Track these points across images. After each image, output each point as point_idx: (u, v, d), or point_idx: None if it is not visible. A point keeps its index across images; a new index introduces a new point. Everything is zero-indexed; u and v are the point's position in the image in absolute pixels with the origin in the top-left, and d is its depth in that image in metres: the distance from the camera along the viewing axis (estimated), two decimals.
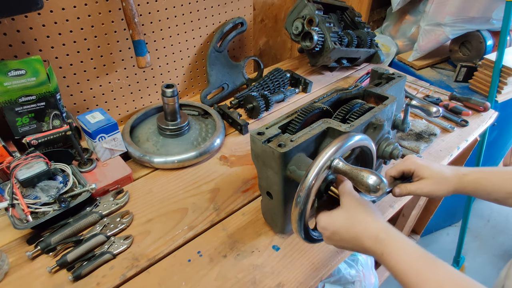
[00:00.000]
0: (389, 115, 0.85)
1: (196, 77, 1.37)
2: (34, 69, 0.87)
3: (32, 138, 0.93)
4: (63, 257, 0.75)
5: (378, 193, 0.56)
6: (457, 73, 1.62)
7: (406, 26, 1.91)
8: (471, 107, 1.28)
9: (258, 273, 0.76)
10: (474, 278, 0.51)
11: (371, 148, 0.70)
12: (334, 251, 0.82)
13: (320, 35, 1.30)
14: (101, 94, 1.13)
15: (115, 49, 1.08)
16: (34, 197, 0.83)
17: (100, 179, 0.94)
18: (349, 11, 1.54)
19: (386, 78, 0.96)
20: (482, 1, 1.50)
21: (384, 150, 0.81)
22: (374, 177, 0.55)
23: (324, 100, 0.86)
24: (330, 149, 0.60)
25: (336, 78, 1.51)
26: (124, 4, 0.98)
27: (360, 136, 0.64)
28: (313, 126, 0.73)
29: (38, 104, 0.92)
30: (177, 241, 0.83)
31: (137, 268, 0.77)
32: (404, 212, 1.69)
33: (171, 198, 0.94)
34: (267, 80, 1.33)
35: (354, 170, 0.58)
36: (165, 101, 1.05)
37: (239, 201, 0.94)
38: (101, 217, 0.86)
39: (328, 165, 0.59)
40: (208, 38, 1.31)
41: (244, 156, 1.09)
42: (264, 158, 0.71)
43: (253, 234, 0.85)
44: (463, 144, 1.15)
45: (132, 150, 1.03)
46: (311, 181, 0.58)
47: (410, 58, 1.79)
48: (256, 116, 1.24)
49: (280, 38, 1.77)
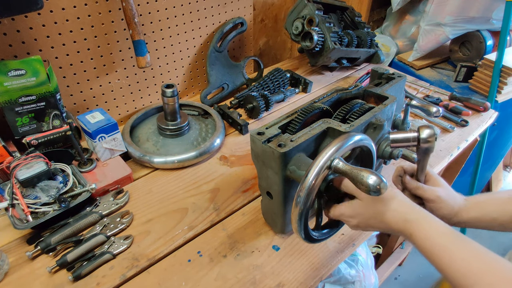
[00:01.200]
0: (389, 115, 0.85)
1: (196, 77, 1.37)
2: (34, 69, 0.87)
3: (32, 138, 0.93)
4: (63, 257, 0.75)
5: (378, 193, 0.56)
6: (457, 73, 1.62)
7: (406, 26, 1.91)
8: (471, 107, 1.28)
9: (258, 273, 0.76)
10: None
11: (371, 148, 0.70)
12: (334, 251, 0.82)
13: (320, 35, 1.30)
14: (101, 94, 1.13)
15: (115, 49, 1.08)
16: (34, 197, 0.83)
17: (100, 179, 0.93)
18: (349, 11, 1.54)
19: (386, 78, 0.96)
20: (482, 1, 1.50)
21: (384, 150, 0.81)
22: (374, 177, 0.55)
23: (324, 100, 0.86)
24: (330, 149, 0.60)
25: (336, 78, 1.51)
26: (124, 4, 0.98)
27: (360, 136, 0.64)
28: (313, 126, 0.73)
29: (38, 104, 0.92)
30: (177, 241, 0.83)
31: (137, 268, 0.77)
32: None
33: (171, 198, 0.94)
34: (267, 80, 1.33)
35: (354, 170, 0.58)
36: (165, 101, 1.05)
37: (239, 201, 0.94)
38: (101, 217, 0.86)
39: (328, 165, 0.59)
40: (208, 38, 1.31)
41: (244, 156, 1.09)
42: (264, 158, 0.71)
43: (253, 234, 0.85)
44: (463, 144, 1.15)
45: (132, 150, 1.03)
46: (311, 181, 0.58)
47: (410, 58, 1.79)
48: (256, 116, 1.24)
49: (280, 38, 1.77)
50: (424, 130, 0.65)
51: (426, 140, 0.64)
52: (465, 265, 0.52)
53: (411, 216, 0.59)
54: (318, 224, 0.72)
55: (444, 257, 0.54)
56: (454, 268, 0.53)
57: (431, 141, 0.64)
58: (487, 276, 0.50)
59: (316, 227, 0.72)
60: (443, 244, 0.55)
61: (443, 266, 0.54)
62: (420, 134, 0.65)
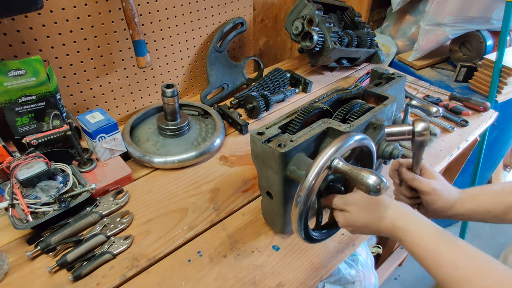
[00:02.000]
0: (389, 115, 0.85)
1: (196, 77, 1.37)
2: (34, 69, 0.87)
3: (32, 138, 0.93)
4: (63, 257, 0.75)
5: (378, 193, 0.56)
6: (457, 73, 1.62)
7: (406, 26, 1.91)
8: (471, 107, 1.28)
9: (258, 273, 0.76)
10: None
11: (371, 148, 0.70)
12: (334, 251, 0.82)
13: (320, 35, 1.30)
14: (101, 94, 1.13)
15: (115, 49, 1.08)
16: (34, 197, 0.82)
17: (100, 179, 0.93)
18: (349, 11, 1.54)
19: (386, 78, 0.96)
20: (482, 1, 1.50)
21: (384, 150, 0.81)
22: (374, 177, 0.55)
23: (324, 100, 0.86)
24: (330, 149, 0.60)
25: (336, 78, 1.51)
26: (124, 4, 0.98)
27: (360, 136, 0.64)
28: (313, 126, 0.73)
29: (38, 104, 0.92)
30: (177, 241, 0.83)
31: (137, 268, 0.77)
32: None
33: (171, 198, 0.94)
34: (267, 80, 1.33)
35: (354, 170, 0.58)
36: (165, 101, 1.05)
37: (239, 201, 0.94)
38: (101, 217, 0.86)
39: (328, 165, 0.59)
40: (208, 38, 1.31)
41: (244, 156, 1.09)
42: (264, 158, 0.71)
43: (253, 234, 0.85)
44: (463, 144, 1.15)
45: (132, 150, 1.03)
46: (311, 181, 0.58)
47: (410, 58, 1.79)
48: (256, 116, 1.24)
49: (280, 38, 1.77)
50: (419, 124, 0.65)
51: (421, 133, 0.65)
52: (455, 269, 0.51)
53: (399, 222, 0.60)
54: (318, 224, 0.72)
55: (433, 262, 0.53)
56: (444, 273, 0.52)
57: (425, 134, 0.65)
58: (479, 280, 0.49)
59: (316, 227, 0.72)
60: (432, 248, 0.55)
61: (433, 270, 0.53)
62: (415, 127, 0.65)
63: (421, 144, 0.67)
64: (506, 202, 0.68)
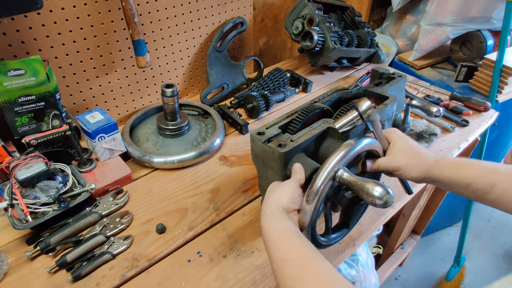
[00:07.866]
0: (389, 115, 0.85)
1: (196, 77, 1.37)
2: (33, 69, 0.87)
3: (32, 138, 0.93)
4: (63, 258, 0.75)
5: (385, 205, 0.55)
6: (457, 73, 1.62)
7: (407, 26, 1.91)
8: (472, 107, 1.28)
9: (258, 273, 0.76)
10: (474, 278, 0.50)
11: (379, 149, 0.70)
12: (335, 251, 0.82)
13: (320, 35, 1.30)
14: (100, 94, 1.13)
15: (114, 49, 1.08)
16: (33, 197, 0.82)
17: (100, 179, 0.93)
18: (349, 11, 1.54)
19: (387, 78, 0.95)
20: (483, 1, 1.50)
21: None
22: (380, 189, 0.55)
23: (324, 100, 0.85)
24: (334, 159, 0.60)
25: (336, 78, 1.51)
26: (124, 3, 0.98)
27: (368, 140, 0.64)
28: (313, 126, 0.73)
29: (38, 104, 0.92)
30: (177, 241, 0.82)
31: (137, 268, 0.76)
32: (405, 212, 1.69)
33: (171, 198, 0.94)
34: (267, 80, 1.33)
35: (359, 182, 0.57)
36: (165, 101, 1.05)
37: (239, 201, 0.93)
38: (100, 217, 0.86)
39: (332, 175, 0.59)
40: (208, 38, 1.31)
41: (244, 156, 1.09)
42: (264, 158, 0.71)
43: (253, 234, 0.85)
44: (463, 144, 1.15)
45: (132, 150, 1.03)
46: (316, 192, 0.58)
47: (410, 58, 1.78)
48: (256, 116, 1.23)
49: (280, 38, 1.76)
50: (360, 105, 0.64)
51: (366, 112, 0.64)
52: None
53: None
54: (327, 229, 0.72)
55: None
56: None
57: (371, 111, 0.64)
58: None
59: (326, 232, 0.72)
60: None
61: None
62: (359, 109, 0.64)
63: (372, 120, 0.66)
64: (491, 180, 0.62)
